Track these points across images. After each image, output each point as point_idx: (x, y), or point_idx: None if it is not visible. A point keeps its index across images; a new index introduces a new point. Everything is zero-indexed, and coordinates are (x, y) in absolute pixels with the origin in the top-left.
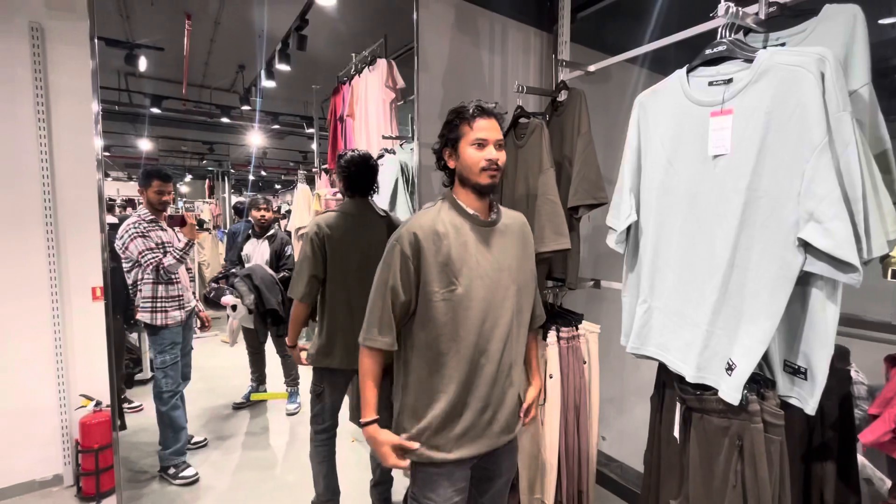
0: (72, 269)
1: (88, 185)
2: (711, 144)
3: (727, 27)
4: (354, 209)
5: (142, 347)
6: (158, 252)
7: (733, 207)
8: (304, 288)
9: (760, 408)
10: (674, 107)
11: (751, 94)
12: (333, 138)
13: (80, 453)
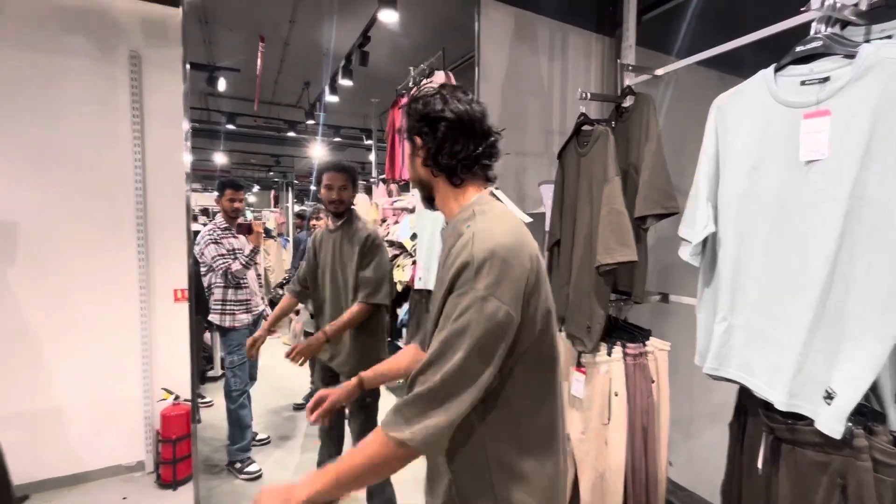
0: (157, 273)
1: (174, 196)
2: (804, 149)
3: (822, 20)
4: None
5: (213, 346)
6: (229, 258)
7: (831, 218)
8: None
9: (869, 444)
10: (758, 109)
11: (853, 92)
12: (391, 150)
13: (160, 443)
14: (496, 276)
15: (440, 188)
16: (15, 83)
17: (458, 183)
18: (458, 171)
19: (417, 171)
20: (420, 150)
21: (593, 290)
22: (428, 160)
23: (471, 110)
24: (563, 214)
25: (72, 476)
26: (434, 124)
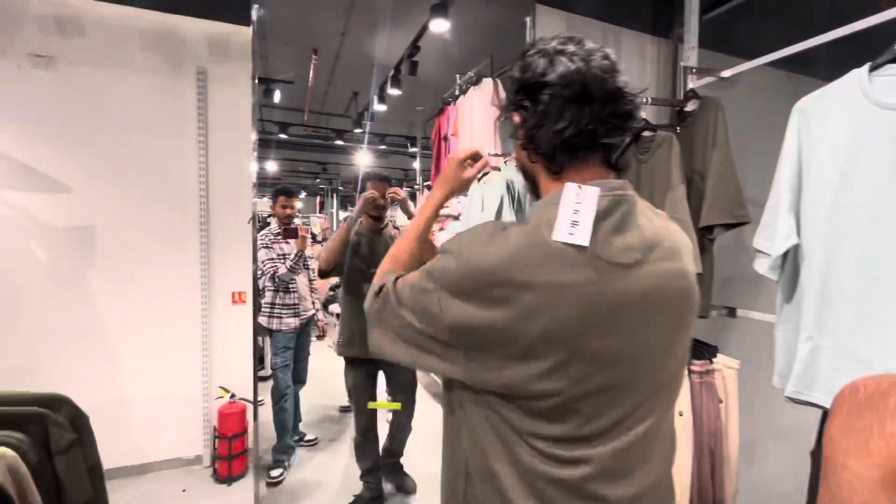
0: (216, 276)
1: (233, 202)
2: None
3: None
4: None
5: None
6: (277, 262)
7: None
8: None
9: None
10: (851, 112)
11: None
12: (437, 157)
13: (217, 439)
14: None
15: (541, 179)
16: (95, 97)
17: (556, 171)
18: (555, 155)
19: (519, 157)
20: (518, 131)
21: None
22: (526, 143)
23: (587, 68)
24: None
25: (135, 466)
26: (534, 93)
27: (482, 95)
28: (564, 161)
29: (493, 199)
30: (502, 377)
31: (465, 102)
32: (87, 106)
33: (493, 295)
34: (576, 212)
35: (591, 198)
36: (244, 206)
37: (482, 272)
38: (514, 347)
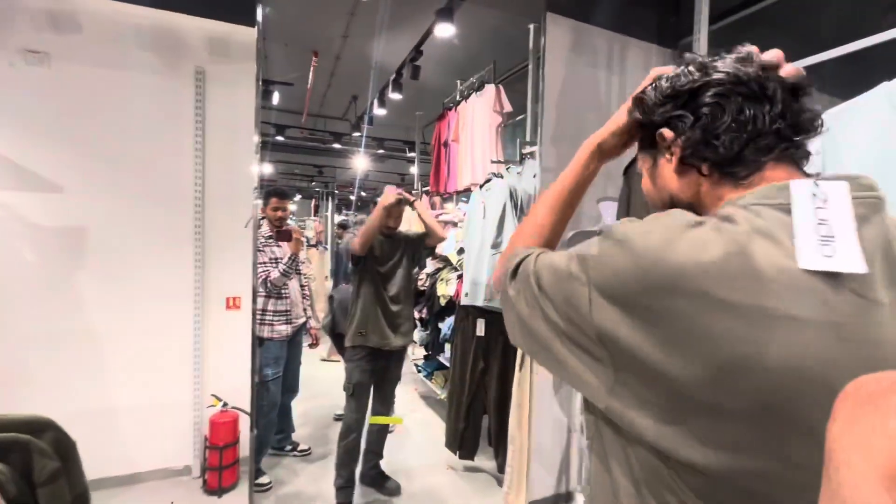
0: (211, 281)
1: (229, 205)
2: None
3: None
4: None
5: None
6: (269, 266)
7: None
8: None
9: None
10: (877, 126)
11: None
12: (437, 163)
13: (208, 449)
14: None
15: (709, 196)
16: (90, 96)
17: (744, 174)
18: (743, 153)
19: (666, 187)
20: (670, 150)
21: None
22: (688, 156)
23: (745, 70)
24: None
25: (123, 476)
26: (694, 98)
27: (484, 101)
28: (757, 159)
29: (495, 207)
30: (657, 431)
31: (466, 108)
32: (81, 104)
33: (668, 310)
34: (822, 221)
35: (842, 198)
36: (241, 210)
37: (660, 274)
38: (686, 393)
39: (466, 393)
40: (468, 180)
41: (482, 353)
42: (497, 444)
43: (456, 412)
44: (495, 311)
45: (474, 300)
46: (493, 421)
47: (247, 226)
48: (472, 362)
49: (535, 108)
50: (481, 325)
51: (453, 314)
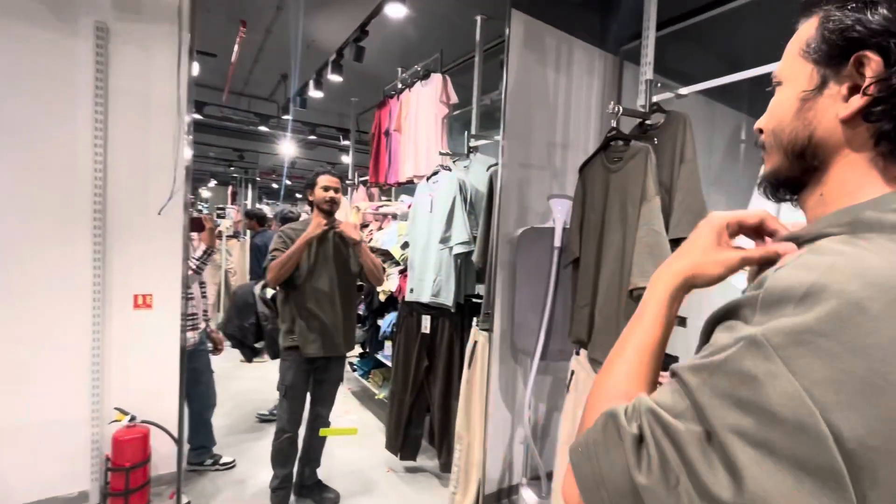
0: (115, 276)
1: (141, 190)
2: None
3: None
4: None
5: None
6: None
7: None
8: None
9: None
10: None
11: None
12: (377, 152)
13: (110, 471)
14: (834, 335)
15: (839, 172)
16: None
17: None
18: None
19: (812, 127)
20: (857, 87)
21: (623, 315)
22: (875, 111)
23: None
24: (585, 232)
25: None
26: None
27: (430, 91)
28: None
29: (443, 201)
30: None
31: (410, 97)
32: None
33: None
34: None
35: None
36: (155, 194)
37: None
38: None
39: (410, 392)
40: (411, 172)
41: (427, 350)
42: (440, 443)
43: (398, 412)
44: (441, 307)
45: (420, 296)
46: (436, 420)
47: (160, 213)
48: (416, 360)
49: (482, 101)
50: (426, 322)
51: (393, 310)
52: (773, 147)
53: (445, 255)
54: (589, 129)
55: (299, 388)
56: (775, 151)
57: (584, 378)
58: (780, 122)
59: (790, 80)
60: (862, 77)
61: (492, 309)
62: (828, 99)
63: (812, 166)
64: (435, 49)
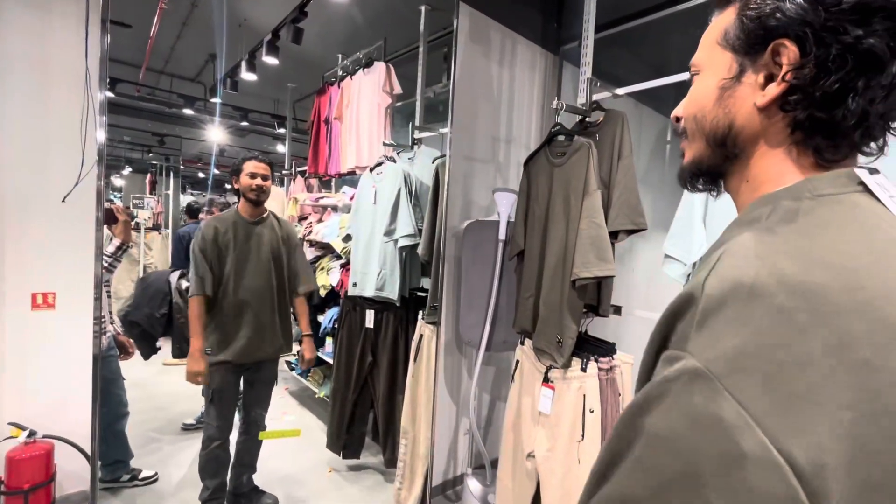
0: (8, 272)
1: (40, 175)
2: None
3: None
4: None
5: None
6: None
7: None
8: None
9: None
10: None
11: None
12: (315, 141)
13: (3, 495)
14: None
15: (759, 161)
16: None
17: (835, 160)
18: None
19: (732, 115)
20: (773, 76)
21: (566, 304)
22: (797, 99)
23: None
24: (529, 224)
25: None
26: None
27: (373, 80)
28: (854, 146)
29: (387, 193)
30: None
31: (352, 85)
32: None
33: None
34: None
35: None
36: (58, 180)
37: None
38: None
39: (353, 389)
40: (353, 162)
41: (371, 346)
42: (385, 439)
43: (340, 410)
44: (385, 302)
45: (363, 290)
46: (381, 415)
47: (65, 200)
48: (359, 356)
49: (425, 93)
50: (370, 317)
51: (335, 306)
52: (696, 133)
53: (390, 247)
54: (531, 124)
55: (228, 392)
56: (697, 138)
57: (528, 367)
58: (702, 108)
59: (709, 68)
60: (778, 66)
61: (439, 302)
62: (746, 87)
63: (734, 154)
64: (377, 37)
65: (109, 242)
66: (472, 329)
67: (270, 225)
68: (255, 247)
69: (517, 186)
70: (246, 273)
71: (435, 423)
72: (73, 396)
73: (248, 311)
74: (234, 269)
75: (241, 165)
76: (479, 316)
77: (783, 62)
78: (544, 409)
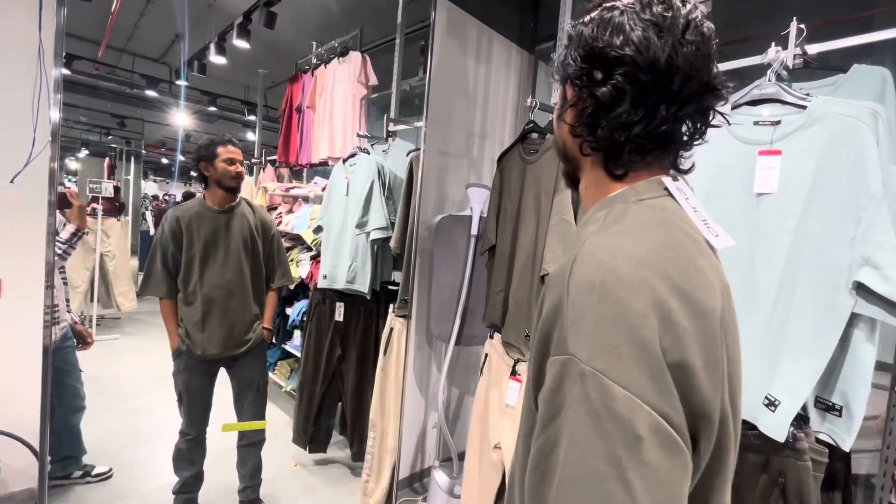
0: None
1: None
2: (757, 182)
3: (773, 72)
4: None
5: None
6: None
7: (780, 246)
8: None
9: (809, 446)
10: (715, 141)
11: (801, 137)
12: (287, 129)
13: None
14: (603, 335)
15: (587, 172)
16: None
17: (619, 175)
18: (622, 154)
19: (562, 137)
20: (569, 108)
21: (535, 298)
22: (579, 128)
23: (678, 47)
24: (501, 220)
25: None
26: (603, 68)
27: (347, 69)
28: (631, 163)
29: (361, 185)
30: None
31: (326, 74)
32: None
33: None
34: (695, 209)
35: (689, 190)
36: (6, 161)
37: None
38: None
39: (321, 382)
40: (325, 153)
41: (340, 339)
42: (353, 433)
43: (307, 403)
44: (355, 294)
45: (333, 283)
46: (349, 409)
47: (13, 181)
48: (328, 349)
49: (402, 85)
50: (340, 310)
51: (304, 298)
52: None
53: (362, 240)
54: (505, 121)
55: (196, 387)
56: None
57: (496, 361)
58: (556, 132)
59: (556, 107)
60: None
61: (410, 295)
62: (563, 120)
63: (574, 166)
64: (353, 26)
65: (63, 228)
66: (443, 323)
67: (242, 213)
68: (222, 238)
69: (490, 182)
70: (214, 266)
71: (403, 417)
72: (21, 389)
73: (216, 306)
74: (200, 263)
75: (214, 150)
76: (450, 310)
77: (568, 100)
78: (511, 402)
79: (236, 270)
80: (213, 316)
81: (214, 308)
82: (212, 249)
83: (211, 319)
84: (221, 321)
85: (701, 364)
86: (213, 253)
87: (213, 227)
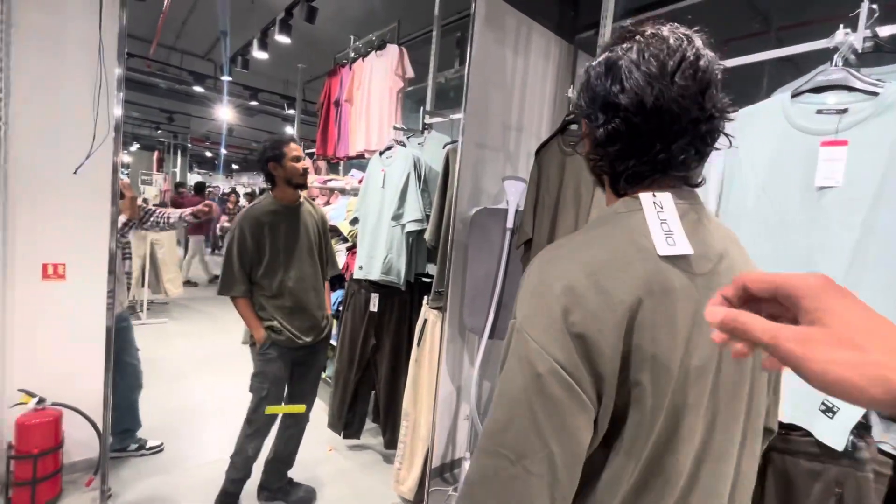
0: (19, 243)
1: (53, 145)
2: (819, 175)
3: (840, 57)
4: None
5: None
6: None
7: (843, 243)
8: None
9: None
10: (772, 131)
11: (871, 126)
12: (325, 123)
13: (13, 459)
14: (531, 306)
15: (606, 184)
16: None
17: (620, 193)
18: (619, 182)
19: (587, 158)
20: (586, 137)
21: None
22: (591, 155)
23: (667, 91)
24: (539, 213)
25: None
26: (604, 111)
27: (385, 62)
28: (629, 186)
29: (397, 177)
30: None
31: (364, 67)
32: None
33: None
34: (663, 221)
35: (670, 204)
36: (71, 152)
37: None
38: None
39: (356, 370)
40: (362, 146)
41: (374, 328)
42: (386, 421)
43: (343, 390)
44: (390, 286)
45: (369, 274)
46: (383, 397)
47: (77, 172)
48: (363, 339)
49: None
50: (375, 300)
51: (340, 288)
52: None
53: (397, 232)
54: (542, 114)
55: (280, 382)
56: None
57: None
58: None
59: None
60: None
61: (444, 287)
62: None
63: (601, 183)
64: (391, 19)
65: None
66: (477, 316)
67: (308, 209)
68: (298, 234)
69: (527, 175)
70: (295, 261)
71: (436, 407)
72: (83, 366)
73: (301, 298)
74: (284, 258)
75: (281, 150)
76: (484, 303)
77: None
78: None
79: (311, 263)
80: (300, 308)
81: (300, 300)
82: (293, 245)
83: (299, 311)
84: (306, 312)
85: (603, 339)
86: (294, 248)
87: (290, 223)
